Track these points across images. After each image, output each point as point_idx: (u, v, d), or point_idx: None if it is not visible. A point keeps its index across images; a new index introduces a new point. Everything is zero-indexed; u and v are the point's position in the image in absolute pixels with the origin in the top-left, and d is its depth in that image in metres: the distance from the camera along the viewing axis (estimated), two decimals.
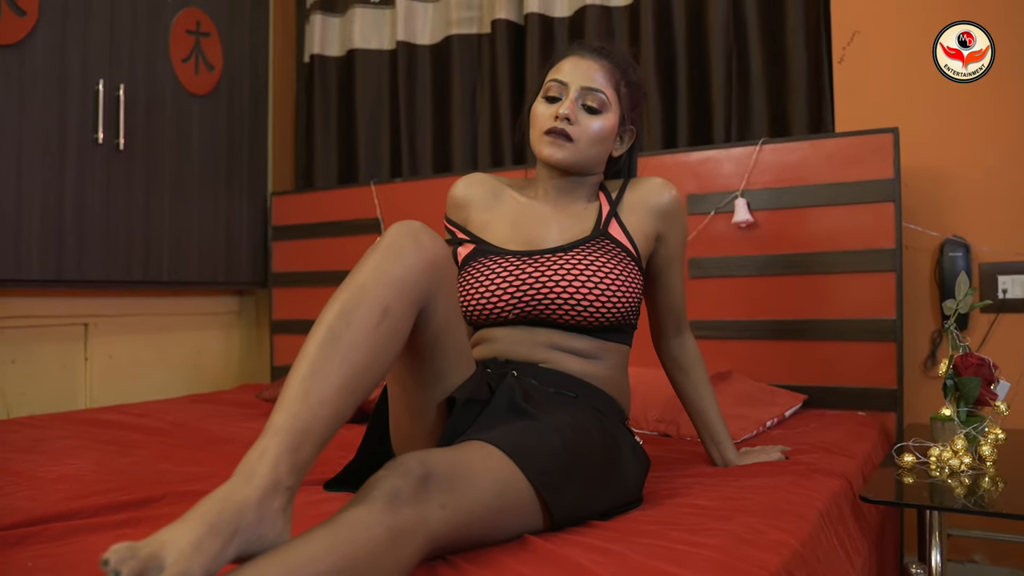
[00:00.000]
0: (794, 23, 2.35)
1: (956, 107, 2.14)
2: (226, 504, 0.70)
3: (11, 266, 2.25)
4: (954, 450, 1.47)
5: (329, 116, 3.20)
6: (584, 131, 1.36)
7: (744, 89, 2.45)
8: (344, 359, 0.85)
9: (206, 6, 2.87)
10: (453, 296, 1.06)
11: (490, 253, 1.39)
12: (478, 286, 1.35)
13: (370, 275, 0.93)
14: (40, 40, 2.32)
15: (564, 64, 1.40)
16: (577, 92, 1.36)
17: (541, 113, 1.39)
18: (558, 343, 1.33)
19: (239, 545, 0.70)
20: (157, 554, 0.64)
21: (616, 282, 1.32)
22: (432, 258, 0.98)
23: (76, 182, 2.43)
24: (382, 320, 0.90)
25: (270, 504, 0.73)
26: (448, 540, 0.88)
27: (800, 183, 2.16)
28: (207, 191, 2.90)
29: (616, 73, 1.39)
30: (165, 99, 2.72)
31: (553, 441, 1.06)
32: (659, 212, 1.41)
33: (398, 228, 1.00)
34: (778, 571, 0.94)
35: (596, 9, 2.64)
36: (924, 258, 2.18)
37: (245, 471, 0.75)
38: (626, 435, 1.29)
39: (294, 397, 0.81)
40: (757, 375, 2.16)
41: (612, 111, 1.38)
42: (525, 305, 1.32)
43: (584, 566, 0.89)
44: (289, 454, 0.77)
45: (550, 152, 1.36)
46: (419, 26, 3.03)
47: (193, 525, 0.68)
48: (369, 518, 0.78)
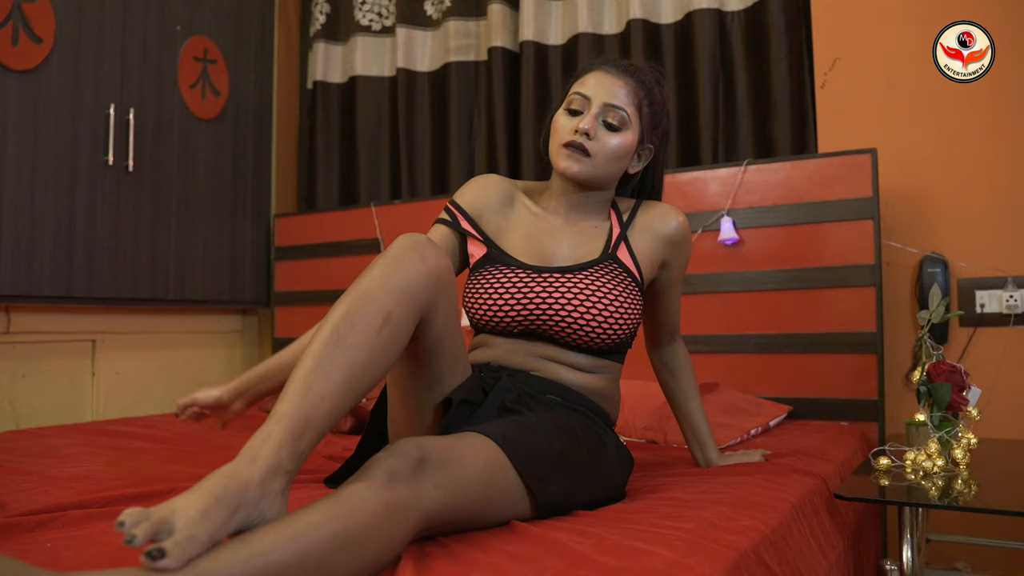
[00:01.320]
0: (778, 51, 2.45)
1: (934, 129, 2.23)
2: (231, 480, 0.76)
3: (23, 282, 2.33)
4: (928, 453, 1.54)
5: (331, 140, 3.30)
6: (602, 147, 1.38)
7: (730, 113, 2.55)
8: (346, 359, 0.91)
9: (213, 34, 2.98)
10: (453, 306, 1.12)
11: (502, 264, 1.41)
12: (487, 295, 1.38)
13: (375, 282, 0.98)
14: (55, 66, 2.42)
15: (589, 79, 1.42)
16: (599, 108, 1.38)
17: (562, 125, 1.41)
18: (554, 356, 1.38)
19: (241, 519, 0.76)
20: (168, 519, 0.70)
21: (620, 309, 1.36)
22: (435, 270, 1.04)
23: (86, 202, 2.52)
24: (384, 325, 0.96)
25: (271, 484, 0.79)
26: (440, 519, 0.94)
27: (783, 202, 2.24)
28: (212, 212, 2.99)
29: (640, 92, 1.41)
30: (173, 123, 2.82)
31: (540, 434, 1.13)
32: (667, 240, 1.45)
33: (403, 240, 1.05)
34: (746, 551, 1.00)
35: (588, 37, 2.74)
36: (905, 275, 2.26)
37: (250, 453, 0.81)
38: (611, 435, 1.36)
39: (298, 390, 0.87)
40: (744, 388, 2.23)
41: (632, 129, 1.40)
42: (530, 323, 1.36)
43: (564, 543, 0.95)
44: (291, 441, 0.83)
45: (566, 165, 1.39)
46: (418, 54, 3.14)
47: (201, 496, 0.74)
48: (367, 494, 0.84)
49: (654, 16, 2.65)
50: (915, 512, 1.45)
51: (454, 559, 0.91)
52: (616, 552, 0.93)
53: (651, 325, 1.57)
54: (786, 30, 2.43)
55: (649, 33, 2.64)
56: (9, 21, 2.29)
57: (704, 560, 0.92)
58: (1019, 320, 2.12)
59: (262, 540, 0.74)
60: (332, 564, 0.77)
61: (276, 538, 0.75)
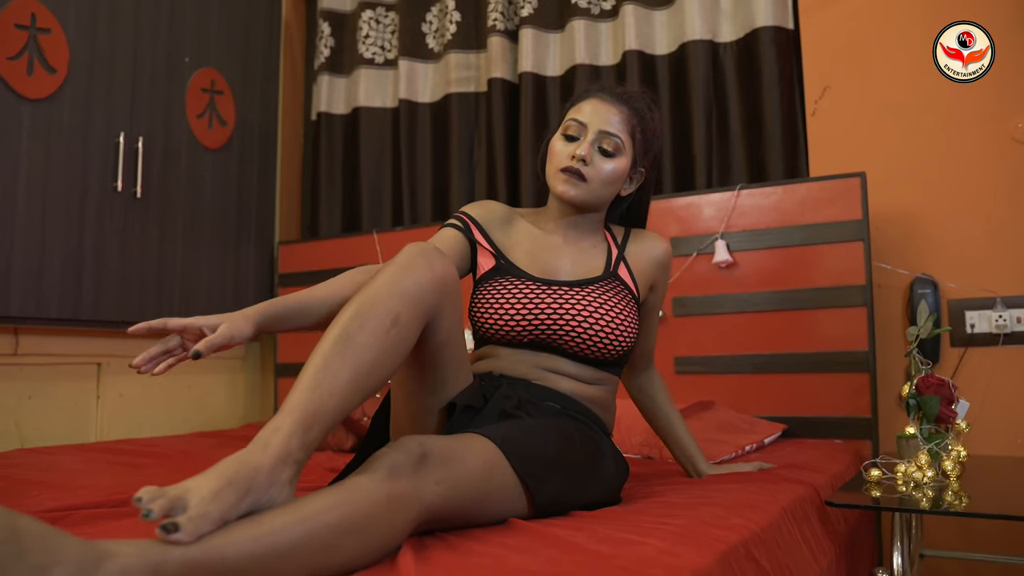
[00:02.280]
0: (769, 80, 2.52)
1: (922, 154, 2.30)
2: (243, 465, 0.80)
3: (32, 304, 2.38)
4: (918, 465, 1.57)
5: (334, 169, 3.37)
6: (598, 172, 1.44)
7: (724, 140, 2.61)
8: (354, 358, 0.95)
9: (221, 66, 3.06)
10: (457, 313, 1.16)
11: (512, 275, 1.46)
12: (497, 306, 1.42)
13: (384, 287, 1.03)
14: (68, 95, 2.49)
15: (585, 105, 1.48)
16: (595, 135, 1.44)
17: (559, 151, 1.47)
18: (558, 368, 1.42)
19: (251, 502, 0.79)
20: (182, 496, 0.74)
21: (624, 322, 1.43)
22: (441, 277, 1.09)
23: (95, 227, 2.57)
24: (392, 327, 1.00)
25: (280, 472, 0.83)
26: (440, 514, 0.98)
27: (776, 225, 2.30)
28: (217, 239, 3.04)
29: (633, 119, 1.48)
30: (180, 151, 2.89)
31: (537, 437, 1.17)
32: (658, 263, 1.55)
33: (411, 248, 1.11)
34: (736, 545, 1.04)
35: (585, 68, 2.82)
36: (896, 296, 2.31)
37: (261, 441, 0.85)
38: (607, 442, 1.40)
39: (307, 386, 0.91)
40: (739, 407, 2.26)
41: (625, 155, 1.47)
42: (540, 333, 1.41)
43: (559, 536, 0.99)
44: (300, 432, 0.87)
45: (564, 189, 1.46)
46: (420, 85, 3.22)
47: (214, 478, 0.78)
48: (371, 485, 0.88)
49: (649, 48, 2.73)
50: (906, 521, 1.48)
51: (452, 550, 0.94)
52: (609, 543, 0.96)
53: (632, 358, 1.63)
54: (777, 60, 2.51)
55: (644, 64, 2.71)
56: (25, 52, 2.37)
57: (694, 550, 0.96)
58: (1008, 340, 2.16)
59: (270, 521, 0.78)
60: (336, 546, 0.81)
61: (284, 519, 0.79)
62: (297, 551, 0.77)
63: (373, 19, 3.33)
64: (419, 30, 3.24)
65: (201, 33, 2.98)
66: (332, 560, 0.80)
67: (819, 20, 2.50)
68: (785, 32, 2.52)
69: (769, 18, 2.51)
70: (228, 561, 0.72)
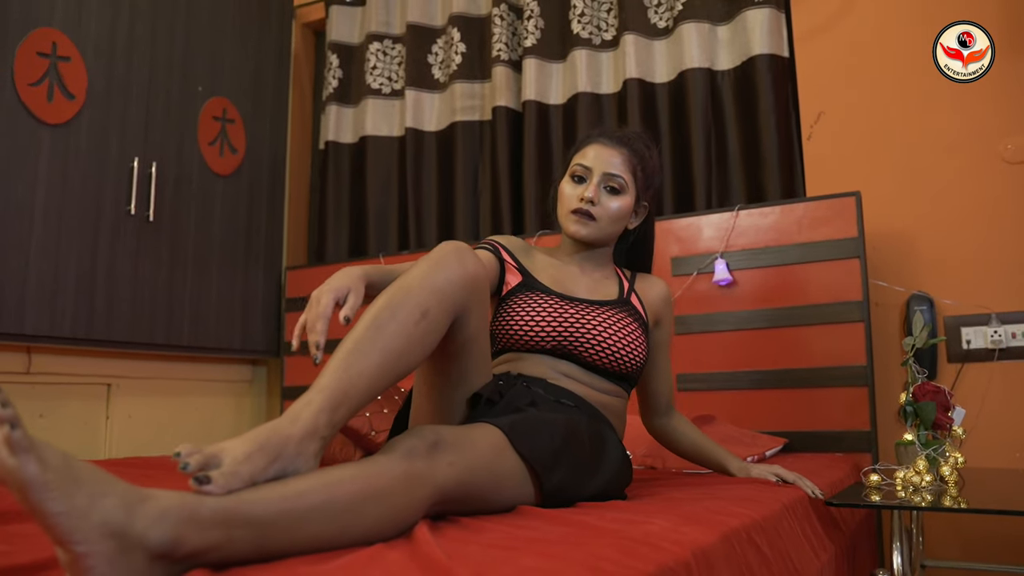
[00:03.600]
0: (766, 106, 2.60)
1: (916, 174, 2.36)
2: (274, 433, 0.85)
3: (46, 323, 2.43)
4: (916, 470, 1.60)
5: (341, 196, 3.43)
6: (605, 211, 1.57)
7: (722, 163, 2.68)
8: (384, 344, 1.01)
9: (232, 96, 3.15)
10: (485, 312, 1.23)
11: (538, 290, 1.57)
12: (524, 313, 1.51)
13: (416, 281, 1.09)
14: (85, 121, 2.57)
15: (589, 150, 1.61)
16: (599, 177, 1.57)
17: (568, 193, 1.60)
18: (573, 374, 1.51)
19: (278, 468, 0.84)
20: (217, 454, 0.80)
21: (636, 340, 1.53)
22: (472, 274, 1.15)
23: (108, 249, 2.63)
24: (421, 319, 1.06)
25: (307, 445, 0.88)
26: (454, 495, 1.02)
27: (774, 244, 2.36)
28: (226, 263, 3.10)
29: (633, 159, 1.60)
30: (192, 177, 2.96)
31: (544, 427, 1.21)
32: (661, 298, 1.67)
33: (445, 246, 1.17)
34: (737, 529, 1.07)
35: (587, 96, 2.90)
36: (893, 314, 2.36)
37: (292, 414, 0.90)
38: (614, 439, 1.44)
39: (338, 367, 0.96)
40: (740, 423, 2.29)
41: (629, 192, 1.59)
42: (562, 339, 1.49)
43: (567, 517, 1.03)
44: (329, 410, 0.92)
45: (576, 229, 1.59)
46: (426, 114, 3.30)
47: (247, 442, 0.83)
48: (389, 463, 0.93)
49: (649, 76, 2.81)
50: (906, 524, 1.51)
51: (464, 527, 0.99)
52: (617, 522, 1.00)
53: (648, 395, 1.71)
54: (773, 87, 2.58)
55: (645, 92, 2.80)
56: (45, 79, 2.45)
57: (698, 529, 1.00)
58: (1003, 355, 2.20)
59: (296, 483, 0.83)
60: (357, 511, 0.85)
61: (309, 483, 0.83)
62: (322, 511, 0.81)
63: (380, 51, 3.42)
64: (425, 61, 3.33)
65: (214, 64, 3.08)
66: (354, 523, 0.84)
67: (813, 48, 2.58)
68: (780, 60, 2.60)
69: (765, 47, 2.59)
70: (258, 514, 0.76)
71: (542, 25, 3.03)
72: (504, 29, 3.11)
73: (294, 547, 0.79)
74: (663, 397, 1.71)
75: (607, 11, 2.97)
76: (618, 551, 0.84)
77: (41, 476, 0.64)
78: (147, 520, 0.69)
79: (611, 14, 2.96)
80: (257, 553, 0.76)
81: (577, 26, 2.94)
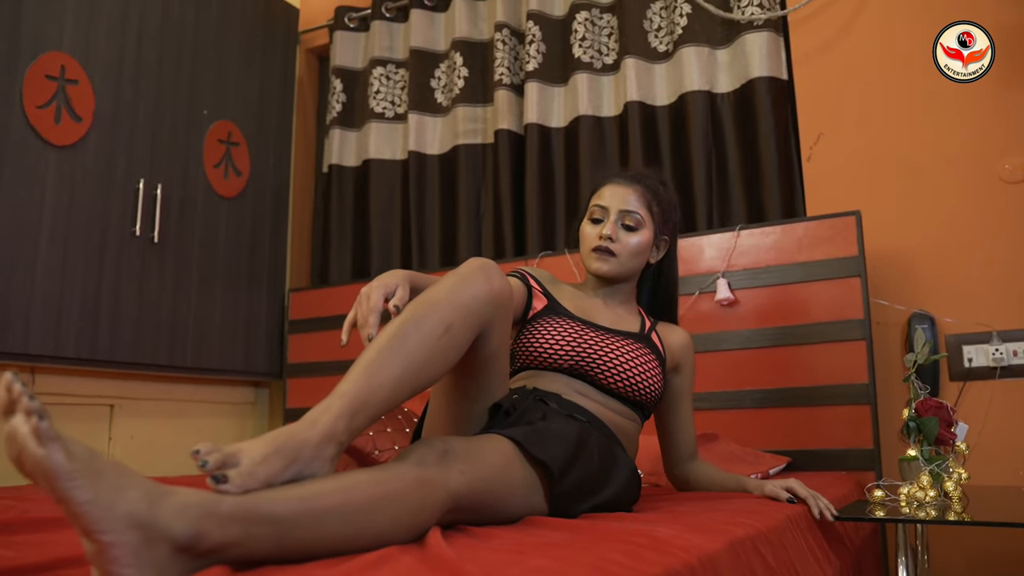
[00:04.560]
0: (765, 127, 2.63)
1: (915, 194, 2.38)
2: (292, 437, 0.87)
3: (51, 343, 2.44)
4: (920, 486, 1.61)
5: (344, 219, 3.46)
6: (624, 247, 1.62)
7: (723, 184, 2.71)
8: (407, 356, 1.02)
9: (237, 119, 3.18)
10: (507, 329, 1.25)
11: (562, 315, 1.61)
12: (546, 333, 1.55)
13: (443, 295, 1.11)
14: (92, 143, 2.60)
15: (605, 191, 1.67)
16: (617, 215, 1.62)
17: (588, 233, 1.66)
18: (588, 394, 1.53)
19: (295, 471, 0.85)
20: (236, 454, 0.81)
21: (652, 370, 1.57)
22: (497, 292, 1.17)
23: (113, 270, 2.65)
24: (445, 333, 1.07)
25: (324, 450, 0.89)
26: (465, 502, 1.02)
27: (775, 263, 2.37)
28: (230, 285, 3.12)
29: (648, 196, 1.65)
30: (197, 199, 2.98)
31: (555, 438, 1.22)
32: (681, 346, 1.70)
33: (473, 262, 1.19)
34: (743, 538, 1.08)
35: (589, 119, 2.94)
36: (894, 332, 2.36)
37: (311, 418, 0.91)
38: (623, 455, 1.44)
39: (359, 375, 0.98)
40: (743, 442, 2.29)
41: (647, 227, 1.64)
42: (580, 359, 1.53)
43: (575, 525, 1.04)
44: (347, 416, 0.93)
45: (598, 266, 1.64)
46: (429, 138, 3.34)
47: (265, 444, 0.84)
48: (402, 469, 0.95)
49: (650, 99, 2.85)
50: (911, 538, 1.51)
51: (474, 536, 0.99)
52: (625, 530, 1.01)
53: (672, 444, 1.73)
54: (772, 109, 2.61)
55: (645, 114, 2.83)
56: (53, 101, 2.48)
57: (705, 536, 1.00)
58: (1005, 373, 2.21)
59: (313, 485, 0.84)
60: (372, 513, 0.86)
61: (326, 486, 0.85)
62: (338, 512, 0.82)
63: (384, 75, 3.47)
64: (428, 85, 3.37)
65: (219, 88, 3.12)
66: (369, 525, 0.85)
67: (812, 71, 2.62)
68: (779, 82, 2.64)
69: (764, 69, 2.63)
70: (276, 513, 0.77)
71: (544, 49, 3.07)
72: (506, 54, 3.15)
73: (312, 546, 0.80)
74: (687, 447, 1.73)
75: (608, 35, 3.02)
76: (624, 555, 0.84)
77: (67, 465, 0.65)
78: (170, 513, 0.71)
79: (612, 38, 3.01)
80: (276, 551, 0.78)
81: (578, 50, 2.98)
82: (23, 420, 0.65)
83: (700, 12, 2.76)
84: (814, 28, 2.63)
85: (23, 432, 0.65)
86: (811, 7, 2.62)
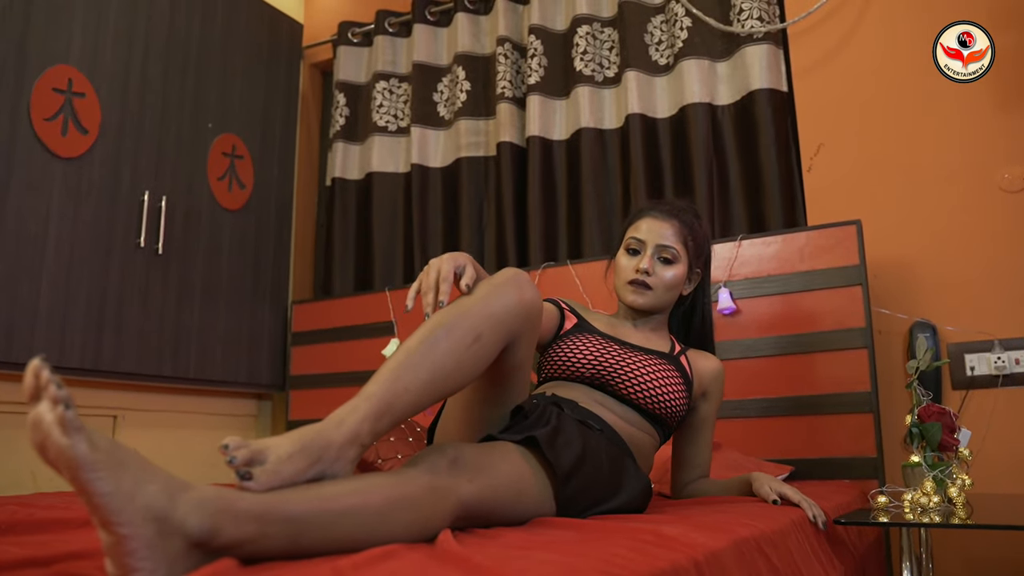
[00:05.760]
0: (766, 138, 2.65)
1: (916, 203, 2.40)
2: (317, 436, 0.88)
3: (55, 353, 2.45)
4: (924, 492, 1.61)
5: (347, 231, 3.48)
6: (660, 280, 1.65)
7: (724, 195, 2.72)
8: (435, 362, 1.03)
9: (242, 133, 3.21)
10: (534, 341, 1.26)
11: (591, 332, 1.63)
12: (573, 346, 1.57)
13: (475, 305, 1.11)
14: (97, 155, 2.62)
15: (642, 224, 1.69)
16: (653, 249, 1.65)
17: (624, 265, 1.68)
18: (607, 404, 1.54)
19: (318, 471, 0.86)
20: (263, 451, 0.82)
21: (676, 388, 1.57)
22: (528, 304, 1.17)
23: (118, 281, 2.66)
24: (474, 343, 1.08)
25: (347, 451, 0.90)
26: (475, 509, 1.04)
27: (777, 273, 2.38)
28: (234, 297, 3.13)
29: (684, 231, 1.68)
30: (201, 212, 3.00)
31: (562, 441, 1.23)
32: (711, 373, 1.70)
33: (506, 272, 1.19)
34: (747, 538, 1.08)
35: (590, 132, 2.96)
36: (896, 341, 2.37)
37: (337, 418, 0.92)
38: (634, 467, 1.44)
39: (387, 378, 0.98)
40: (746, 451, 2.29)
41: (682, 262, 1.67)
42: (602, 369, 1.54)
43: (583, 525, 1.05)
44: (373, 419, 0.94)
45: (633, 299, 1.66)
46: (431, 151, 3.36)
47: (291, 442, 0.85)
48: (415, 474, 0.96)
49: (651, 111, 2.87)
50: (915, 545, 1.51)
51: (482, 536, 1.00)
52: (631, 529, 1.01)
53: (685, 465, 1.74)
54: (772, 120, 2.64)
55: (647, 126, 2.85)
56: (60, 114, 2.51)
57: (710, 535, 1.01)
58: (1007, 381, 2.21)
59: (331, 487, 0.85)
60: (387, 516, 0.87)
61: (343, 487, 0.86)
62: (354, 514, 0.84)
63: (387, 90, 3.49)
64: (431, 99, 3.40)
65: (224, 101, 3.14)
66: (383, 527, 0.86)
67: (811, 82, 2.64)
68: (780, 94, 2.66)
69: (764, 81, 2.65)
70: (293, 513, 0.78)
71: (545, 63, 3.10)
72: (508, 67, 3.18)
73: (325, 546, 0.81)
74: (700, 471, 1.74)
75: (609, 49, 3.04)
76: (631, 550, 0.85)
77: (91, 456, 0.66)
78: (187, 507, 0.71)
79: (613, 52, 3.03)
80: (289, 549, 0.78)
81: (580, 64, 3.01)
82: (49, 408, 0.65)
83: (700, 26, 2.79)
84: (813, 41, 2.66)
85: (48, 420, 0.65)
86: (810, 20, 2.65)
